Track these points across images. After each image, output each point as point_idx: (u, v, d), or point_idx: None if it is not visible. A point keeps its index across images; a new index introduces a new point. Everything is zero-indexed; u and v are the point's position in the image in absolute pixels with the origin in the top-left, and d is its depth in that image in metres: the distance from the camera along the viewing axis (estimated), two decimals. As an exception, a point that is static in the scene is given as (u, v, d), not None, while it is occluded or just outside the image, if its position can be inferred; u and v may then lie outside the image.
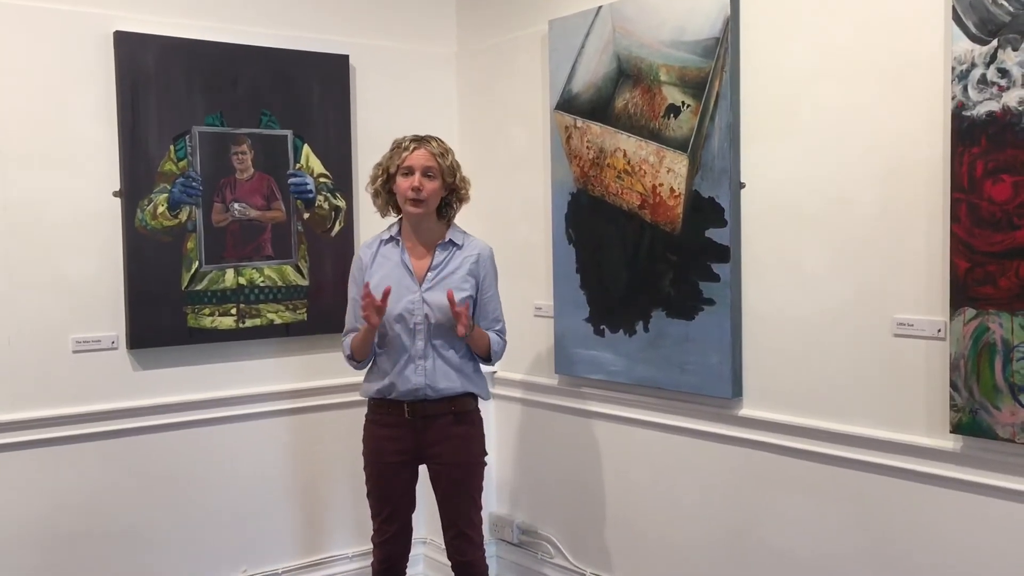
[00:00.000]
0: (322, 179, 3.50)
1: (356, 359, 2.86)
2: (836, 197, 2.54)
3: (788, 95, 2.64)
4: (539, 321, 3.50)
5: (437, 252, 2.82)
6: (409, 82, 3.76)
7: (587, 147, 3.18)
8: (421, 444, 2.82)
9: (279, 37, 3.41)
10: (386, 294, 2.67)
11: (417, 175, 2.73)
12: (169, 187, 3.19)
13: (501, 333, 2.91)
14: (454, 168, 2.80)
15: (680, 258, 2.91)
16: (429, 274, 2.80)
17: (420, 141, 2.77)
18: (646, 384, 3.06)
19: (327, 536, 3.66)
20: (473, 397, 2.86)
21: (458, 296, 2.73)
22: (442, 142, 2.82)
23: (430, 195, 2.75)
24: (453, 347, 2.80)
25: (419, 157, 2.74)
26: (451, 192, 2.83)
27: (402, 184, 2.75)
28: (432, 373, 2.77)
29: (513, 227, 3.62)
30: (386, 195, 2.84)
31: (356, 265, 2.91)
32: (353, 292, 2.89)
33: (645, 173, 2.99)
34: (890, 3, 2.40)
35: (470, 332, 2.72)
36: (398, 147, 2.79)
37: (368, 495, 2.90)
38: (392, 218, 2.91)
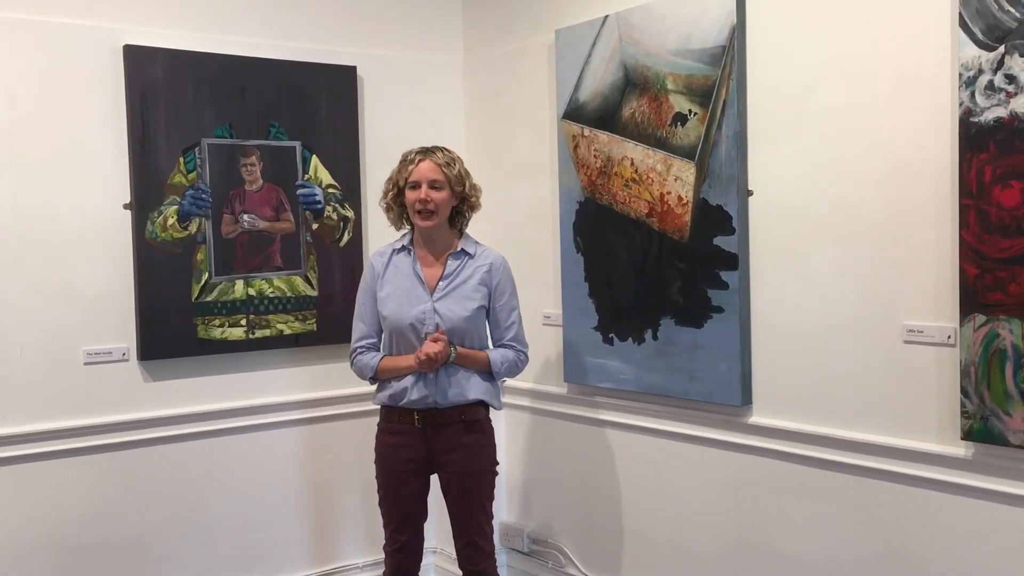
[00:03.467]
0: (331, 190, 3.52)
1: (378, 379, 2.87)
2: (844, 204, 2.54)
3: (795, 102, 2.64)
4: (548, 329, 3.50)
5: (449, 262, 2.83)
6: (416, 92, 3.77)
7: (594, 155, 3.18)
8: (431, 452, 2.82)
9: (287, 49, 3.43)
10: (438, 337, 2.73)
11: (424, 187, 2.75)
12: (179, 199, 3.21)
13: (514, 343, 2.87)
14: (462, 177, 2.82)
15: (688, 266, 2.91)
16: (441, 284, 2.81)
17: (426, 153, 2.79)
18: (655, 392, 3.06)
19: (338, 546, 3.66)
20: (483, 406, 2.86)
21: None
22: (448, 152, 2.83)
23: (439, 206, 2.76)
24: None
25: (424, 169, 2.76)
26: (462, 201, 2.85)
27: (410, 197, 2.78)
28: (441, 382, 2.77)
29: (521, 235, 3.62)
30: (398, 208, 2.87)
31: (368, 273, 2.92)
32: (363, 299, 2.90)
33: (653, 181, 2.99)
34: (897, 10, 2.40)
35: (448, 360, 2.72)
36: (405, 160, 2.82)
37: (380, 503, 2.91)
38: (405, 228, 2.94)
